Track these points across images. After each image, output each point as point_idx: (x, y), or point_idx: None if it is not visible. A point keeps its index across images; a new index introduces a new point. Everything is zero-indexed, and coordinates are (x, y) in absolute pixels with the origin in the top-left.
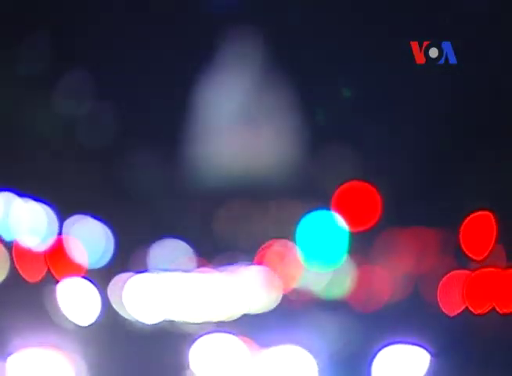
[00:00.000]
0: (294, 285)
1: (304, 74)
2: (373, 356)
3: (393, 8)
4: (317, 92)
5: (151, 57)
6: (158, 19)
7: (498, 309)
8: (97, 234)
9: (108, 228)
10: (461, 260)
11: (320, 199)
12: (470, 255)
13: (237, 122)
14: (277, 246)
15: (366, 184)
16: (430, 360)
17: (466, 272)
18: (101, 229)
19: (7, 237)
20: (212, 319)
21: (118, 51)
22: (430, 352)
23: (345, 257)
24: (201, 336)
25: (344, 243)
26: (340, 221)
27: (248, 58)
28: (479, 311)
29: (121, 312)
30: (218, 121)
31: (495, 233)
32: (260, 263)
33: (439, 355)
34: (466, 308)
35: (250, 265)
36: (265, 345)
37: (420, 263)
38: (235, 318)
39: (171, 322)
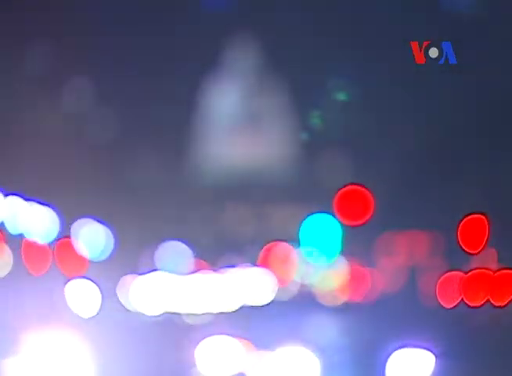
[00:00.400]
0: (294, 286)
1: (304, 74)
2: (376, 355)
3: (393, 8)
4: (317, 93)
5: (153, 59)
6: (159, 20)
7: (492, 302)
8: (100, 236)
9: (111, 230)
10: (455, 262)
11: (318, 202)
12: (466, 254)
13: (238, 127)
14: (277, 248)
15: (364, 188)
16: (436, 362)
17: (461, 273)
18: (104, 232)
19: (15, 237)
20: (212, 311)
21: (119, 53)
22: (434, 354)
23: (344, 256)
24: (202, 338)
25: (341, 242)
26: (338, 222)
27: (249, 59)
28: (474, 304)
29: (125, 308)
30: (219, 126)
31: (487, 236)
32: (261, 265)
33: (440, 345)
34: (462, 300)
35: (250, 266)
36: (264, 346)
37: (415, 263)
38: (234, 309)
39: (173, 314)
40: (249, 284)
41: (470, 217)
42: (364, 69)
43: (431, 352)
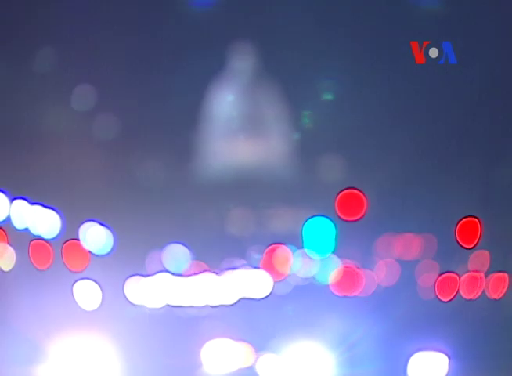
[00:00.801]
0: (292, 281)
1: (303, 76)
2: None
3: (393, 8)
4: (316, 94)
5: (152, 60)
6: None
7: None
8: (104, 239)
9: (114, 233)
10: (448, 264)
11: (316, 206)
12: (459, 257)
13: (240, 132)
14: (278, 250)
15: (359, 192)
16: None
17: (454, 275)
18: (108, 234)
19: (20, 234)
20: (211, 304)
21: (122, 56)
22: (448, 356)
23: (341, 258)
24: (203, 334)
25: (336, 243)
26: (334, 224)
27: (250, 62)
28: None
29: (127, 302)
30: (221, 130)
31: (480, 238)
32: (262, 267)
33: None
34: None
35: (252, 269)
36: (264, 349)
37: (408, 264)
38: (233, 302)
39: (174, 307)
40: (248, 284)
41: (463, 220)
42: (364, 70)
43: (445, 353)
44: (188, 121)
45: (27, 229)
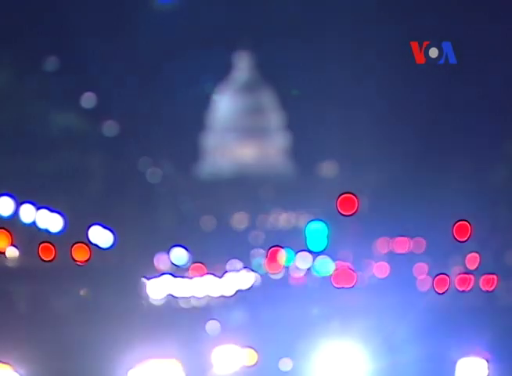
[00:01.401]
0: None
1: (303, 76)
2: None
3: (393, 8)
4: (312, 92)
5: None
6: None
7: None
8: (108, 241)
9: (120, 236)
10: (442, 266)
11: (315, 210)
12: (452, 259)
13: (238, 137)
14: (279, 252)
15: (355, 196)
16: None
17: (447, 277)
18: (113, 237)
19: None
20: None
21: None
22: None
23: (339, 259)
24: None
25: (329, 243)
26: (329, 228)
27: (247, 61)
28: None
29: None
30: (225, 137)
31: (471, 241)
32: (264, 268)
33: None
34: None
35: (249, 270)
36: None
37: (401, 263)
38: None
39: (175, 298)
40: (247, 288)
41: (457, 224)
42: (363, 70)
43: (484, 358)
44: (190, 124)
45: (33, 224)
